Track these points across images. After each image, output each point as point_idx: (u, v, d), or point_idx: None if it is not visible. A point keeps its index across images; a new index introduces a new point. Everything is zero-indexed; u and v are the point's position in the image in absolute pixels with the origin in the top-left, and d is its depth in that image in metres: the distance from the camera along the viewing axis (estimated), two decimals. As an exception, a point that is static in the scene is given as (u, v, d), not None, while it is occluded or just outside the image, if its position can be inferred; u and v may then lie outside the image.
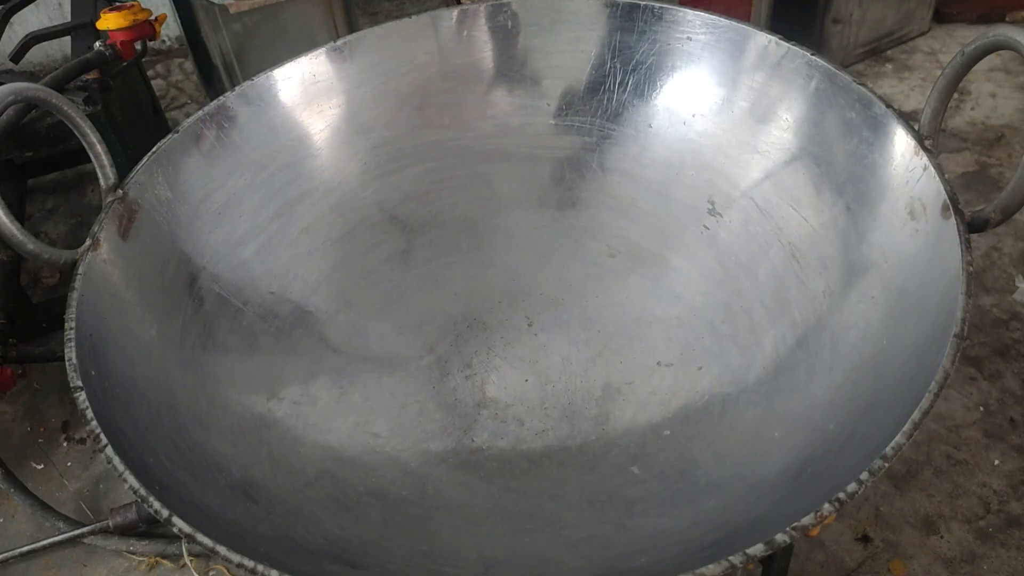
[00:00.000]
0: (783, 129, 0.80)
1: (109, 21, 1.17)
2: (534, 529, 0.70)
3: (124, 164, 0.76)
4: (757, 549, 0.46)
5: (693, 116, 0.86)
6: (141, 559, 0.94)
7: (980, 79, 1.52)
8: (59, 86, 1.09)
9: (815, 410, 0.66)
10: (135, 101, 1.40)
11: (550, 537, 0.69)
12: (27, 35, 1.30)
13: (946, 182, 0.63)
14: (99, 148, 0.74)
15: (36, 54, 1.61)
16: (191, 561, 0.91)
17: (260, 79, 0.86)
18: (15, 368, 1.09)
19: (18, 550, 0.94)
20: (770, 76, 0.80)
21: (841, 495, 0.47)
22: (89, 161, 0.74)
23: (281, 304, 0.84)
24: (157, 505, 0.51)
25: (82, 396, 0.58)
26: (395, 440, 0.79)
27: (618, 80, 0.90)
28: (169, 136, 0.79)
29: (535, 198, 0.94)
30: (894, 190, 0.68)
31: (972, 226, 0.62)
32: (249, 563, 0.48)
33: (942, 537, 0.87)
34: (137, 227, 0.74)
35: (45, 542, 0.94)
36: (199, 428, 0.68)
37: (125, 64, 1.22)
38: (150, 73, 1.77)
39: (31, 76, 1.51)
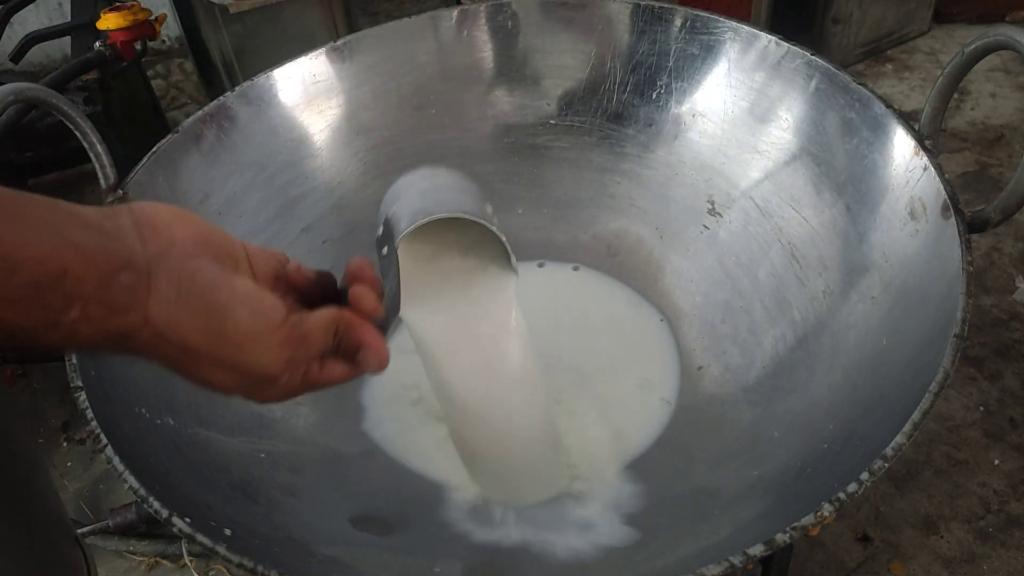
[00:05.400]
0: (783, 129, 0.80)
1: (109, 21, 1.17)
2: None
3: (124, 164, 0.76)
4: (757, 549, 0.46)
5: (693, 116, 0.86)
6: (141, 559, 0.94)
7: (980, 79, 1.52)
8: (59, 86, 1.09)
9: (815, 410, 0.66)
10: (135, 101, 1.40)
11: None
12: (27, 35, 1.30)
13: (946, 182, 0.63)
14: (99, 148, 0.74)
15: (36, 54, 1.61)
16: (191, 561, 0.91)
17: (260, 79, 0.86)
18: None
19: (18, 550, 0.94)
20: (770, 76, 0.80)
21: (841, 495, 0.47)
22: (89, 161, 0.74)
23: (281, 304, 0.84)
24: (157, 505, 0.51)
25: (82, 396, 0.58)
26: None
27: (618, 80, 0.90)
28: (169, 136, 0.79)
29: (534, 198, 0.94)
30: (894, 190, 0.68)
31: (972, 226, 0.62)
32: (249, 563, 0.48)
33: (942, 537, 0.87)
34: (137, 227, 0.74)
35: (45, 542, 0.94)
36: (199, 428, 0.68)
37: (125, 64, 1.22)
38: (150, 73, 1.77)
39: (31, 76, 1.52)
